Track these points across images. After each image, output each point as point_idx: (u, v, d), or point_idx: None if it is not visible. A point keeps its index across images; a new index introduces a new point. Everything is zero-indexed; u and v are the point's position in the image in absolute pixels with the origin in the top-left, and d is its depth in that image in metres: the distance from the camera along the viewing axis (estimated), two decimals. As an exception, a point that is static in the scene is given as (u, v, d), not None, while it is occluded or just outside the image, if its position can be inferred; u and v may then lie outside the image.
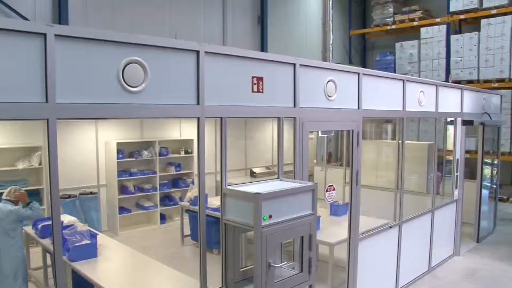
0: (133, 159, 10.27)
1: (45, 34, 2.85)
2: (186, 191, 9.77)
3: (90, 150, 9.89)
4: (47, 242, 6.35)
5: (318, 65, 4.95)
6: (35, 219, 6.36)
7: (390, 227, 6.50)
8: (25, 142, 8.81)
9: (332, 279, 6.57)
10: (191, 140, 11.29)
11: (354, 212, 5.66)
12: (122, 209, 10.18)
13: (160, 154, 10.67)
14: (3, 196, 5.91)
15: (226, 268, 4.12)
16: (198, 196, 3.89)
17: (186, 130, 11.49)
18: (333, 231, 7.08)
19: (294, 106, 4.57)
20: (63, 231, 5.65)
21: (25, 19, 7.88)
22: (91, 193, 9.45)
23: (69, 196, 9.02)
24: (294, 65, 4.57)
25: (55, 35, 2.89)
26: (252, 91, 4.16)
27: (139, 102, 3.31)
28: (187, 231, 9.24)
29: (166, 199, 10.96)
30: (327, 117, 5.01)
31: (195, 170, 11.19)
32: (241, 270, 4.23)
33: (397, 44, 14.29)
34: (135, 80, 3.29)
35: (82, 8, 8.66)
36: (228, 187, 3.96)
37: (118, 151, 9.89)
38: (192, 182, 10.92)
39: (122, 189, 10.20)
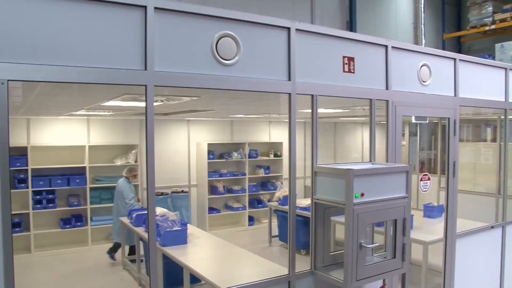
0: (223, 160, 10.52)
1: (145, 7, 3.00)
2: (275, 194, 9.81)
3: (182, 150, 10.30)
4: (140, 229, 6.70)
5: (411, 48, 4.76)
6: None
7: (492, 227, 6.03)
8: (123, 140, 9.39)
9: (425, 284, 6.21)
10: (280, 143, 11.36)
11: (451, 206, 5.32)
12: (211, 209, 10.43)
13: (249, 156, 10.83)
14: (123, 173, 7.49)
15: (315, 251, 4.04)
16: (288, 180, 3.87)
17: (275, 133, 11.59)
18: (427, 231, 6.72)
19: (387, 89, 4.43)
20: (156, 218, 5.89)
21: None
22: (182, 191, 9.79)
23: (162, 194, 9.42)
24: (386, 47, 4.44)
25: (155, 7, 3.03)
26: (343, 71, 4.09)
27: (232, 75, 3.38)
28: (275, 231, 9.25)
29: (255, 201, 11.06)
30: (421, 102, 4.79)
31: (284, 173, 11.25)
32: (330, 254, 4.12)
33: (497, 46, 13.34)
34: (228, 53, 3.36)
35: None
36: (319, 165, 3.90)
37: (209, 152, 10.19)
38: (281, 183, 10.96)
39: (212, 189, 10.46)
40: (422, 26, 13.65)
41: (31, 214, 8.53)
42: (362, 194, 3.57)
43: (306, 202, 8.14)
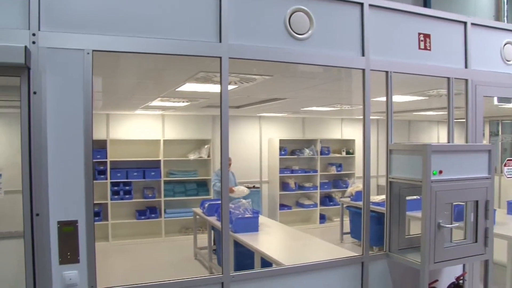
0: (295, 156, 10.51)
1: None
2: (347, 190, 9.65)
3: (254, 146, 10.41)
4: (212, 219, 6.86)
5: (493, 25, 4.52)
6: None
7: None
8: (196, 135, 9.66)
9: (511, 285, 5.81)
10: (352, 141, 11.20)
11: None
12: (282, 206, 10.45)
13: (321, 153, 10.74)
14: None
15: (390, 233, 3.92)
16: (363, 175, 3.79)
17: (348, 130, 11.43)
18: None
19: (466, 67, 4.23)
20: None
21: None
22: (254, 187, 9.87)
23: (254, 187, 9.62)
24: (465, 23, 4.24)
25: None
26: (419, 48, 3.96)
27: (305, 49, 3.38)
28: (347, 229, 9.09)
29: (326, 199, 10.94)
30: (505, 82, 4.51)
31: (356, 171, 11.04)
32: (406, 237, 3.98)
33: None
34: (301, 27, 3.37)
35: None
36: (395, 142, 3.80)
37: (281, 148, 10.21)
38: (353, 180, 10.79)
39: (283, 185, 10.47)
40: (505, 18, 12.96)
41: (109, 204, 8.95)
42: (440, 172, 3.43)
43: (380, 197, 7.92)
